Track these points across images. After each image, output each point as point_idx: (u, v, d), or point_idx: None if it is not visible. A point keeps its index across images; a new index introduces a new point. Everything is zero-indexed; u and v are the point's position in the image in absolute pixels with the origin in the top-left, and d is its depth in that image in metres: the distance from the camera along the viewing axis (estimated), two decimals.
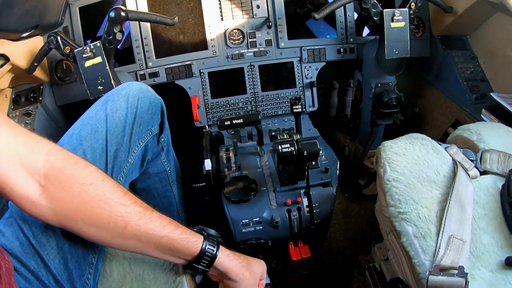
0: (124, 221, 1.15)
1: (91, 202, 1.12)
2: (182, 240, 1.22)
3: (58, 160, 1.12)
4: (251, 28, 2.53)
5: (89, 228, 1.16)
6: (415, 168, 1.48)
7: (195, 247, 1.23)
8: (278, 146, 1.60)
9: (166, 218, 1.23)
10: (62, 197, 1.12)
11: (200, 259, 1.24)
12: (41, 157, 1.10)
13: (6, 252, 1.17)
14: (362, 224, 2.81)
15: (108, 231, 1.16)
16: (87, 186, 1.12)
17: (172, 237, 1.20)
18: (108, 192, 1.15)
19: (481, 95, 2.40)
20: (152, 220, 1.18)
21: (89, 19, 2.48)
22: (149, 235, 1.18)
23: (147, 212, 1.19)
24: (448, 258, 1.23)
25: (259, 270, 1.40)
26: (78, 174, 1.13)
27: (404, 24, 2.16)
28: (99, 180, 1.16)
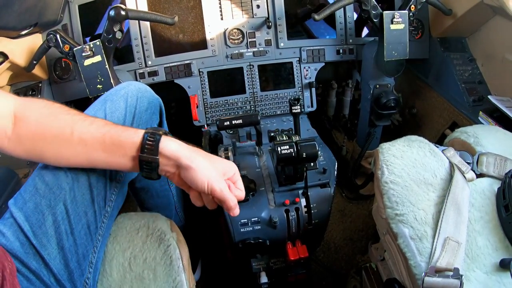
0: (71, 128, 1.22)
1: (45, 118, 1.24)
2: (123, 132, 1.25)
3: (21, 103, 1.25)
4: (250, 28, 2.54)
5: (47, 147, 1.25)
6: (413, 170, 1.49)
7: (137, 136, 1.24)
8: (278, 147, 1.61)
9: (108, 122, 1.30)
10: (24, 126, 1.23)
11: (144, 147, 1.23)
12: (10, 104, 1.24)
13: (7, 253, 1.18)
14: (359, 224, 2.82)
15: (59, 142, 1.24)
16: (42, 109, 1.26)
17: (114, 132, 1.24)
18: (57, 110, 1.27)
19: (479, 97, 2.41)
20: (94, 122, 1.26)
21: (88, 17, 2.48)
22: (93, 134, 1.23)
23: (89, 118, 1.28)
24: (444, 260, 1.24)
25: (224, 165, 1.34)
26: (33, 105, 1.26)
27: (404, 26, 2.17)
28: (50, 104, 1.28)
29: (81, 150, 1.25)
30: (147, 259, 1.40)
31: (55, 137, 1.23)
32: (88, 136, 1.23)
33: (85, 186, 1.36)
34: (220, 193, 1.27)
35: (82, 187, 1.35)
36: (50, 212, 1.28)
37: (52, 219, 1.28)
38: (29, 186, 1.32)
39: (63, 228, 1.29)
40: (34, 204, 1.28)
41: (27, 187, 1.32)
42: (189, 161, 1.24)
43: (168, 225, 1.52)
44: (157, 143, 1.23)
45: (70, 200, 1.32)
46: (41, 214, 1.27)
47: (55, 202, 1.29)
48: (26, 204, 1.28)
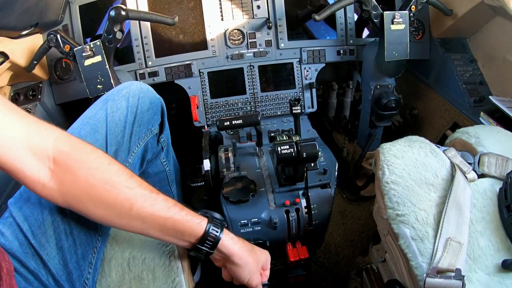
0: (130, 203, 1.17)
1: (97, 185, 1.15)
2: (187, 222, 1.23)
3: (66, 145, 1.15)
4: (251, 29, 2.53)
5: (96, 210, 1.19)
6: (414, 170, 1.48)
7: (199, 229, 1.24)
8: (278, 147, 1.60)
9: (172, 201, 1.24)
10: (70, 180, 1.15)
11: (204, 240, 1.25)
12: (49, 142, 1.12)
13: (6, 252, 1.17)
14: (359, 225, 2.81)
15: (114, 212, 1.19)
16: (93, 170, 1.16)
17: (177, 218, 1.22)
18: (115, 175, 1.18)
19: (480, 98, 2.41)
20: (157, 202, 1.21)
21: (89, 18, 2.48)
22: (154, 216, 1.20)
23: (152, 194, 1.21)
24: (445, 261, 1.23)
25: (263, 257, 1.43)
26: (85, 158, 1.17)
27: (404, 27, 2.16)
28: (105, 164, 1.18)
29: (137, 225, 1.23)
30: (146, 259, 1.39)
31: (110, 207, 1.18)
32: (149, 217, 1.20)
33: None
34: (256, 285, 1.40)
35: None
36: (50, 212, 1.27)
37: (52, 219, 1.27)
38: None
39: (62, 228, 1.29)
40: (33, 204, 1.27)
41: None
42: (240, 261, 1.32)
43: None
44: (217, 241, 1.26)
45: None
46: (40, 214, 1.26)
47: None
48: (26, 203, 1.27)
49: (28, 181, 1.13)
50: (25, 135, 1.08)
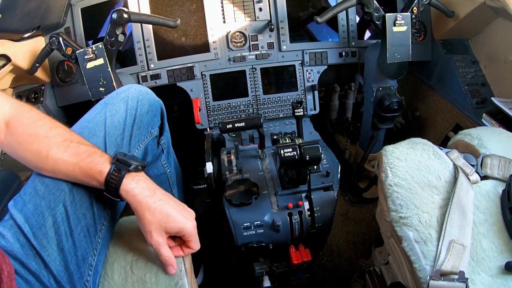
0: (46, 151, 1.30)
1: (26, 138, 1.31)
2: (90, 169, 1.30)
3: (15, 110, 1.33)
4: (253, 31, 2.54)
5: (26, 158, 1.33)
6: (417, 173, 1.48)
7: (101, 175, 1.30)
8: (281, 150, 1.60)
9: (84, 148, 1.33)
10: (12, 138, 1.32)
11: (107, 186, 1.30)
12: (6, 109, 1.32)
13: (6, 254, 1.18)
14: (362, 227, 2.81)
15: (38, 159, 1.31)
16: (25, 126, 1.31)
17: (82, 165, 1.29)
18: (39, 128, 1.32)
19: (482, 99, 2.40)
20: (68, 149, 1.31)
21: (91, 20, 2.49)
22: (64, 163, 1.29)
23: (65, 142, 1.32)
24: (449, 263, 1.23)
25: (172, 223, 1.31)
26: (21, 117, 1.32)
27: (406, 29, 2.17)
28: (34, 121, 1.33)
29: (55, 170, 1.32)
30: (149, 262, 1.39)
31: (33, 157, 1.32)
32: (60, 163, 1.30)
33: (84, 189, 1.36)
34: (155, 247, 1.32)
35: (81, 190, 1.36)
36: (50, 214, 1.28)
37: (52, 220, 1.28)
38: (28, 187, 1.33)
39: (63, 229, 1.29)
40: (34, 205, 1.28)
41: (26, 189, 1.33)
42: (136, 212, 1.31)
43: None
44: (118, 187, 1.29)
45: (70, 201, 1.32)
46: (41, 216, 1.27)
47: (55, 203, 1.30)
48: (26, 205, 1.28)
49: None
50: None
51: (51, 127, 1.32)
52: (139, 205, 1.29)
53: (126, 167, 1.30)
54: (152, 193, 1.31)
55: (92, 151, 1.33)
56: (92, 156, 1.31)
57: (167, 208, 1.31)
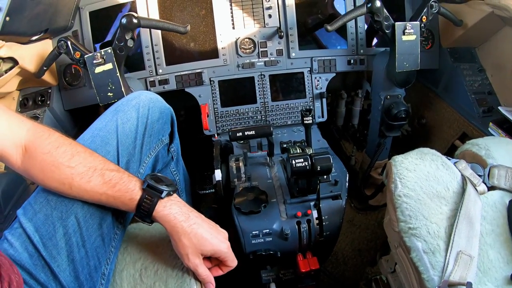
0: (69, 182, 1.27)
1: (47, 167, 1.28)
2: (119, 198, 1.30)
3: (32, 134, 1.29)
4: (262, 38, 2.54)
5: (50, 186, 1.30)
6: (426, 184, 1.49)
7: (131, 204, 1.31)
8: (292, 160, 1.61)
9: (109, 175, 1.31)
10: (31, 164, 1.29)
11: (139, 213, 1.31)
12: (23, 132, 1.29)
13: (15, 264, 1.18)
14: (368, 234, 2.81)
15: (63, 187, 1.29)
16: (45, 155, 1.28)
17: (109, 194, 1.29)
18: (60, 157, 1.28)
19: (489, 108, 2.41)
20: (92, 179, 1.29)
21: (98, 24, 2.50)
22: (89, 193, 1.29)
23: (89, 172, 1.29)
24: (457, 274, 1.24)
25: (207, 246, 1.34)
26: (40, 144, 1.29)
27: (415, 37, 2.17)
28: (54, 148, 1.29)
29: (82, 197, 1.31)
30: (159, 270, 1.39)
31: (55, 185, 1.29)
32: (85, 193, 1.30)
33: None
34: (193, 269, 1.34)
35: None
36: (61, 224, 1.28)
37: (63, 231, 1.28)
38: (39, 197, 1.32)
39: (74, 240, 1.29)
40: (45, 215, 1.28)
41: (37, 198, 1.32)
42: (172, 236, 1.33)
43: None
44: (151, 213, 1.30)
45: (83, 213, 1.32)
46: (52, 226, 1.27)
47: (66, 214, 1.30)
48: (36, 215, 1.28)
49: (12, 164, 1.31)
50: (8, 130, 1.27)
51: (72, 155, 1.30)
52: (174, 230, 1.31)
53: (158, 194, 1.31)
54: (186, 217, 1.33)
55: (118, 177, 1.32)
56: (119, 184, 1.31)
57: (201, 232, 1.33)
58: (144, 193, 1.30)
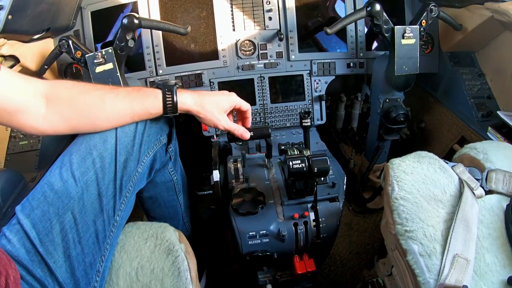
0: (101, 100, 1.42)
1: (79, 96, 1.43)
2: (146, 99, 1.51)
3: (51, 86, 1.41)
4: (262, 40, 2.54)
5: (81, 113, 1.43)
6: (423, 187, 1.49)
7: (158, 104, 1.52)
8: (289, 162, 1.61)
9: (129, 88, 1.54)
10: (57, 107, 1.40)
11: (166, 110, 1.53)
12: (42, 87, 1.39)
13: (12, 260, 1.19)
14: (365, 237, 2.81)
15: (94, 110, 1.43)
16: (71, 89, 1.43)
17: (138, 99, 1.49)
18: (84, 86, 1.46)
19: (488, 112, 2.40)
20: (119, 93, 1.46)
21: (100, 24, 2.50)
22: (121, 104, 1.46)
23: (112, 90, 1.46)
24: (453, 277, 1.24)
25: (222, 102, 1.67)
26: (63, 89, 1.42)
27: (415, 41, 2.18)
28: (75, 84, 1.45)
29: (115, 114, 1.45)
30: (155, 269, 1.39)
31: (88, 109, 1.42)
32: (118, 105, 1.45)
33: (94, 195, 1.37)
34: (224, 128, 1.68)
35: (91, 196, 1.37)
36: (58, 220, 1.29)
37: (60, 227, 1.28)
38: (37, 193, 1.33)
39: (71, 236, 1.30)
40: (42, 211, 1.29)
41: (35, 194, 1.33)
42: (198, 114, 1.60)
43: (176, 236, 1.51)
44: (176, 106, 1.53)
45: (79, 209, 1.33)
46: (48, 222, 1.28)
47: (63, 210, 1.30)
48: (34, 211, 1.28)
49: (34, 118, 1.38)
50: (26, 83, 1.35)
51: (93, 85, 1.51)
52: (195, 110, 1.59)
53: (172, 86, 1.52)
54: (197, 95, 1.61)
55: (137, 88, 1.53)
56: (142, 90, 1.52)
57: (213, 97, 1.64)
58: (163, 88, 1.51)
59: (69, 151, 1.43)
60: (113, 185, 1.43)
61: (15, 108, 1.32)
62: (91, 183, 1.37)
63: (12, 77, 1.32)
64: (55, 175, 1.35)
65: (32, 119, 1.37)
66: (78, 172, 1.36)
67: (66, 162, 1.38)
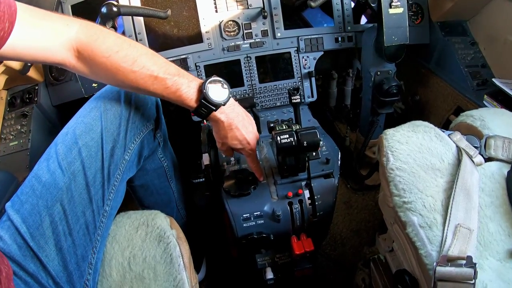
0: (134, 85, 1.39)
1: (109, 70, 1.34)
2: (178, 102, 1.46)
3: (84, 36, 1.31)
4: (246, 19, 2.50)
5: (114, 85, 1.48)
6: (419, 156, 1.44)
7: (190, 108, 1.48)
8: (277, 137, 1.57)
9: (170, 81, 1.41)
10: (91, 65, 1.34)
11: (196, 113, 1.49)
12: (72, 35, 1.30)
13: (5, 256, 1.18)
14: (365, 215, 2.80)
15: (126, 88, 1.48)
16: (105, 58, 1.32)
17: (171, 98, 1.45)
18: (121, 62, 1.33)
19: (483, 81, 2.38)
20: (155, 83, 1.39)
21: (82, 17, 2.43)
22: (153, 93, 1.43)
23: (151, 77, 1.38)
24: (456, 248, 1.20)
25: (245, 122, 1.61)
26: (98, 48, 1.31)
27: (403, 10, 2.13)
28: (114, 52, 1.32)
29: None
30: (147, 258, 1.38)
31: (119, 85, 1.47)
32: (149, 94, 1.44)
33: (82, 185, 1.36)
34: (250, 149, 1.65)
35: (79, 186, 1.35)
36: (47, 213, 1.27)
37: (50, 219, 1.27)
38: (25, 187, 1.32)
39: (61, 228, 1.28)
40: (31, 205, 1.27)
41: (23, 189, 1.32)
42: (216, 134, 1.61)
43: (167, 222, 1.50)
44: (207, 115, 1.49)
45: (68, 199, 1.31)
46: (38, 215, 1.26)
47: (52, 202, 1.29)
48: (23, 206, 1.27)
49: (62, 64, 1.34)
50: (55, 35, 1.27)
51: (134, 59, 1.35)
52: (215, 129, 1.60)
53: (212, 108, 1.47)
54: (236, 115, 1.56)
55: (179, 83, 1.42)
56: (179, 91, 1.42)
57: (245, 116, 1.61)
58: (200, 105, 1.45)
59: (55, 142, 1.42)
60: (100, 174, 1.42)
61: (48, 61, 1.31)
62: (78, 173, 1.36)
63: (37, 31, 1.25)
64: (42, 167, 1.34)
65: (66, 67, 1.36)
66: (64, 163, 1.35)
67: (53, 153, 1.37)
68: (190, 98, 1.43)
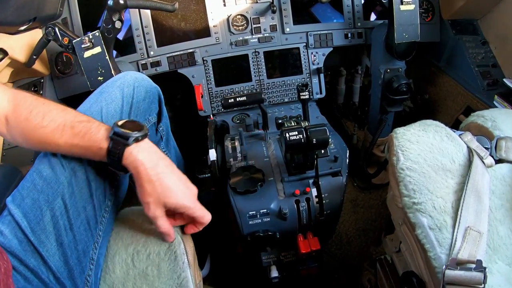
0: (45, 141, 1.30)
1: (27, 133, 1.31)
2: (89, 149, 1.29)
3: (12, 104, 1.31)
4: (255, 14, 2.48)
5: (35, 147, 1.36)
6: (429, 156, 1.42)
7: (102, 153, 1.29)
8: (286, 133, 1.55)
9: (79, 127, 1.29)
10: (15, 133, 1.34)
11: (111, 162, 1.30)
12: (4, 104, 1.30)
13: (5, 251, 1.17)
14: (371, 214, 2.78)
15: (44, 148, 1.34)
16: (23, 122, 1.29)
17: (81, 145, 1.28)
18: (34, 120, 1.29)
19: (493, 81, 2.36)
20: (64, 133, 1.28)
21: (88, 10, 2.45)
22: (64, 147, 1.30)
23: (59, 127, 1.29)
24: (465, 251, 1.18)
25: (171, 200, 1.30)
26: (18, 112, 1.30)
27: (414, 7, 2.11)
28: (29, 112, 1.30)
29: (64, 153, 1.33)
30: (151, 254, 1.37)
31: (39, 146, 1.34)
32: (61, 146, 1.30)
33: (83, 180, 1.35)
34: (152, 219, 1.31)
35: (80, 181, 1.34)
36: (48, 208, 1.27)
37: (51, 214, 1.27)
38: (26, 182, 1.31)
39: (62, 223, 1.28)
40: (32, 200, 1.27)
41: (24, 183, 1.31)
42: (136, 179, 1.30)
43: None
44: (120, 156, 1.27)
45: (69, 194, 1.31)
46: (39, 210, 1.26)
47: (53, 197, 1.28)
48: (24, 200, 1.27)
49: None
50: None
51: (44, 114, 1.29)
52: (138, 176, 1.27)
53: (124, 141, 1.27)
54: (154, 165, 1.29)
55: (88, 127, 1.30)
56: (88, 134, 1.28)
57: (167, 182, 1.29)
58: (111, 141, 1.27)
59: None
60: (102, 170, 1.41)
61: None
62: (78, 167, 1.35)
63: None
64: (44, 162, 1.34)
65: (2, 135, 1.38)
66: (65, 158, 1.34)
67: None
68: (100, 139, 1.28)
